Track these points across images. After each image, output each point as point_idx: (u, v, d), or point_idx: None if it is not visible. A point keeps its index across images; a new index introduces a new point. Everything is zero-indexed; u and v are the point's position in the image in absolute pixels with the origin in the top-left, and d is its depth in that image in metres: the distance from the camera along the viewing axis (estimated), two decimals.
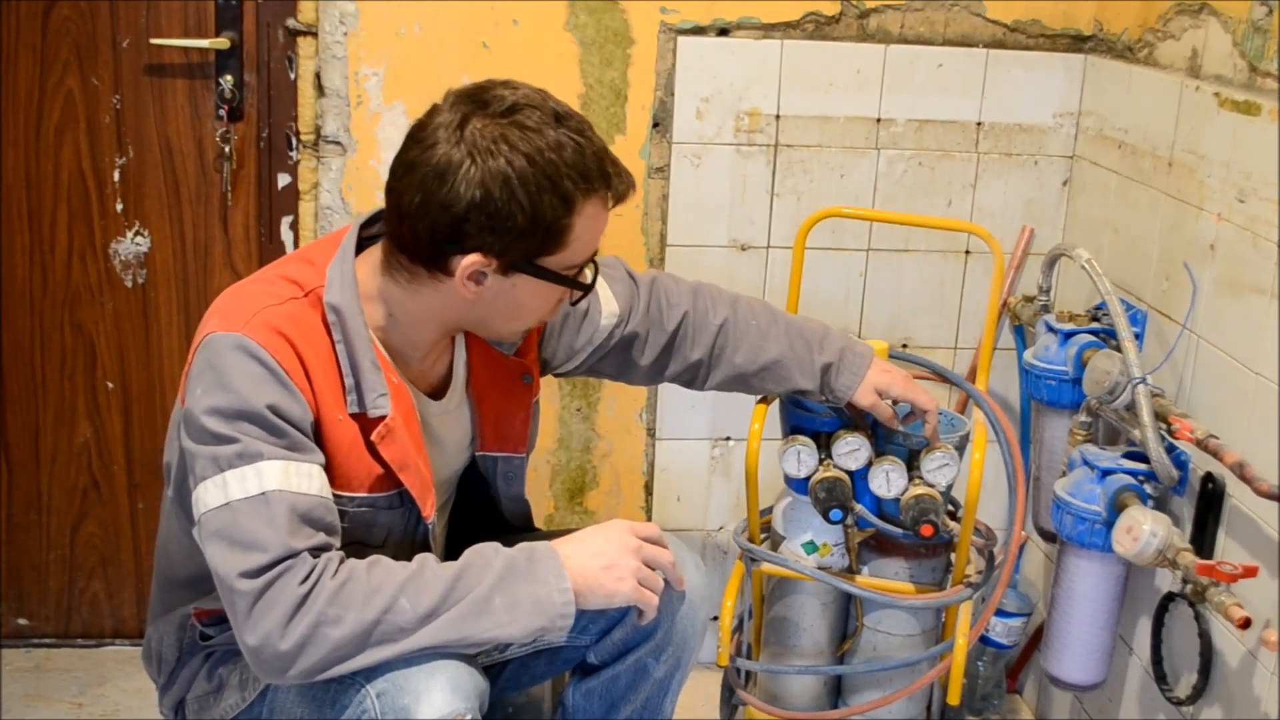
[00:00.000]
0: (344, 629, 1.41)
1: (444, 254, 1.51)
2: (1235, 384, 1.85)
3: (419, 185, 1.48)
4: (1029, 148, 2.43)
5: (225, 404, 1.45)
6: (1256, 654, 1.79)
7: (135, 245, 2.40)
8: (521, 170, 1.46)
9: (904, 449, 1.97)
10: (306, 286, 1.55)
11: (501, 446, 1.78)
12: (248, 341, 1.47)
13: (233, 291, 1.58)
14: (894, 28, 2.37)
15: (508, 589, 1.48)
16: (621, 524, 1.59)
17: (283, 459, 1.45)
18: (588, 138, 1.52)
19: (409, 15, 2.27)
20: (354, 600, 1.42)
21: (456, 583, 1.46)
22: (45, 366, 2.44)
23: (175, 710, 1.72)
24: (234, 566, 1.41)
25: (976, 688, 2.47)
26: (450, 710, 1.43)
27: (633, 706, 1.80)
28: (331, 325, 1.53)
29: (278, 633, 1.40)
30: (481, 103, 1.50)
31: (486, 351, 1.73)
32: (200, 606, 1.67)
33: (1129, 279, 2.17)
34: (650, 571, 1.58)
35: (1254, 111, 1.83)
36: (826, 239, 2.40)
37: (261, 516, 1.42)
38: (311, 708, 1.53)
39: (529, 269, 1.53)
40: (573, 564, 1.52)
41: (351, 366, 1.54)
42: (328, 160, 2.33)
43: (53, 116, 2.33)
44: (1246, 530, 1.82)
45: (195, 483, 1.46)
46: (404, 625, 1.43)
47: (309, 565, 1.43)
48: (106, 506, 2.52)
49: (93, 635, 2.59)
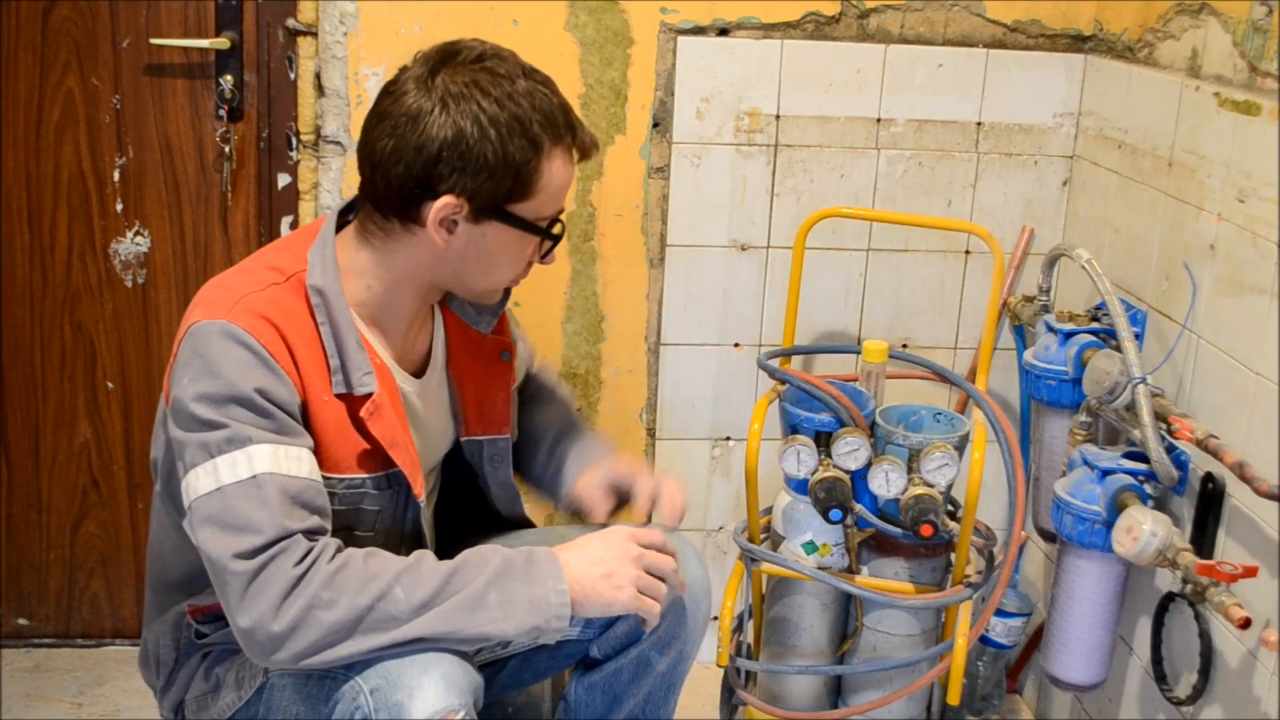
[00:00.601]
0: (337, 613, 1.41)
1: (416, 200, 1.54)
2: (1235, 384, 1.85)
3: (390, 131, 1.53)
4: (1029, 148, 2.43)
5: (213, 390, 1.46)
6: (1256, 654, 1.79)
7: (135, 245, 2.40)
8: (492, 113, 1.51)
9: (904, 449, 1.97)
10: (287, 272, 1.57)
11: (485, 429, 1.80)
12: (233, 328, 1.48)
13: (214, 282, 1.60)
14: (894, 28, 2.37)
15: (504, 586, 1.48)
16: (622, 530, 1.59)
17: (272, 442, 1.46)
18: (554, 90, 1.58)
19: (409, 15, 2.27)
20: (349, 585, 1.42)
21: (453, 577, 1.47)
22: (45, 366, 2.44)
23: (175, 712, 1.72)
24: (227, 548, 1.42)
25: (976, 688, 2.47)
26: (444, 705, 1.42)
27: (635, 701, 1.80)
28: (315, 307, 1.56)
29: (270, 614, 1.40)
30: (450, 53, 1.55)
31: (464, 330, 1.77)
32: (195, 604, 1.67)
33: (1129, 279, 2.17)
34: (651, 579, 1.58)
35: (1254, 111, 1.83)
36: (826, 239, 2.40)
37: (253, 499, 1.43)
38: (306, 705, 1.53)
39: (499, 215, 1.56)
40: (571, 571, 1.52)
41: (337, 347, 1.56)
42: (327, 160, 2.33)
43: (53, 116, 2.33)
44: (1246, 530, 1.82)
45: (185, 470, 1.47)
46: (397, 614, 1.43)
47: (304, 548, 1.43)
48: (106, 506, 2.52)
49: (93, 635, 2.59)
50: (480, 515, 1.86)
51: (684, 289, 2.43)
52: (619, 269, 2.41)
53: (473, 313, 1.78)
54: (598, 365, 2.46)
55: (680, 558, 1.69)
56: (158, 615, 1.73)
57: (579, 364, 2.46)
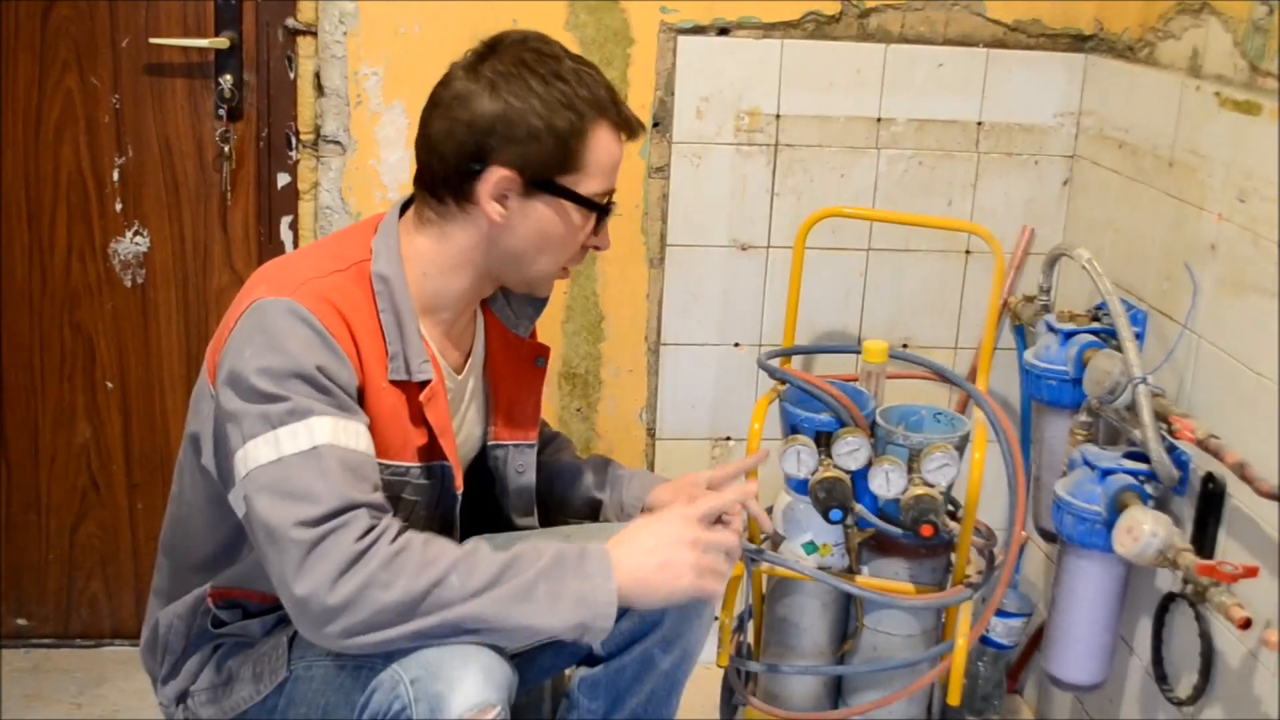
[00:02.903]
0: (392, 594, 1.40)
1: (470, 176, 1.57)
2: (1236, 384, 1.84)
3: (443, 115, 1.58)
4: (1029, 147, 2.43)
5: (276, 364, 1.46)
6: (1257, 654, 1.79)
7: (134, 245, 2.40)
8: (539, 88, 1.56)
9: (904, 449, 1.97)
10: (349, 260, 1.60)
11: (513, 434, 1.81)
12: (298, 306, 1.49)
13: (277, 263, 1.64)
14: (894, 27, 2.37)
15: (554, 580, 1.46)
16: (678, 513, 1.57)
17: (333, 416, 1.47)
18: (598, 72, 1.62)
19: (409, 15, 2.27)
20: (407, 568, 1.41)
21: (507, 568, 1.45)
22: (44, 366, 2.44)
23: (177, 701, 1.70)
24: (289, 516, 1.41)
25: (977, 688, 2.47)
26: (482, 700, 1.42)
27: (638, 699, 1.79)
28: (378, 294, 1.58)
29: (326, 585, 1.39)
30: (497, 41, 1.61)
31: (504, 334, 1.79)
32: (218, 586, 1.65)
33: (1129, 279, 2.17)
34: (711, 559, 1.54)
35: (1254, 111, 1.83)
36: (826, 239, 2.40)
37: (313, 470, 1.43)
38: (339, 695, 1.53)
39: (550, 188, 1.58)
40: (627, 565, 1.50)
41: (398, 333, 1.58)
42: (327, 160, 2.32)
43: (52, 116, 2.33)
44: (1247, 530, 1.82)
45: (243, 440, 1.46)
46: (450, 600, 1.42)
47: (366, 524, 1.42)
48: (106, 507, 2.52)
49: (92, 635, 2.58)
50: (492, 524, 1.86)
51: (684, 289, 2.43)
52: (619, 269, 2.41)
53: (512, 316, 1.80)
54: (598, 365, 2.46)
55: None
56: (172, 600, 1.71)
57: (579, 364, 2.46)
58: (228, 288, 2.43)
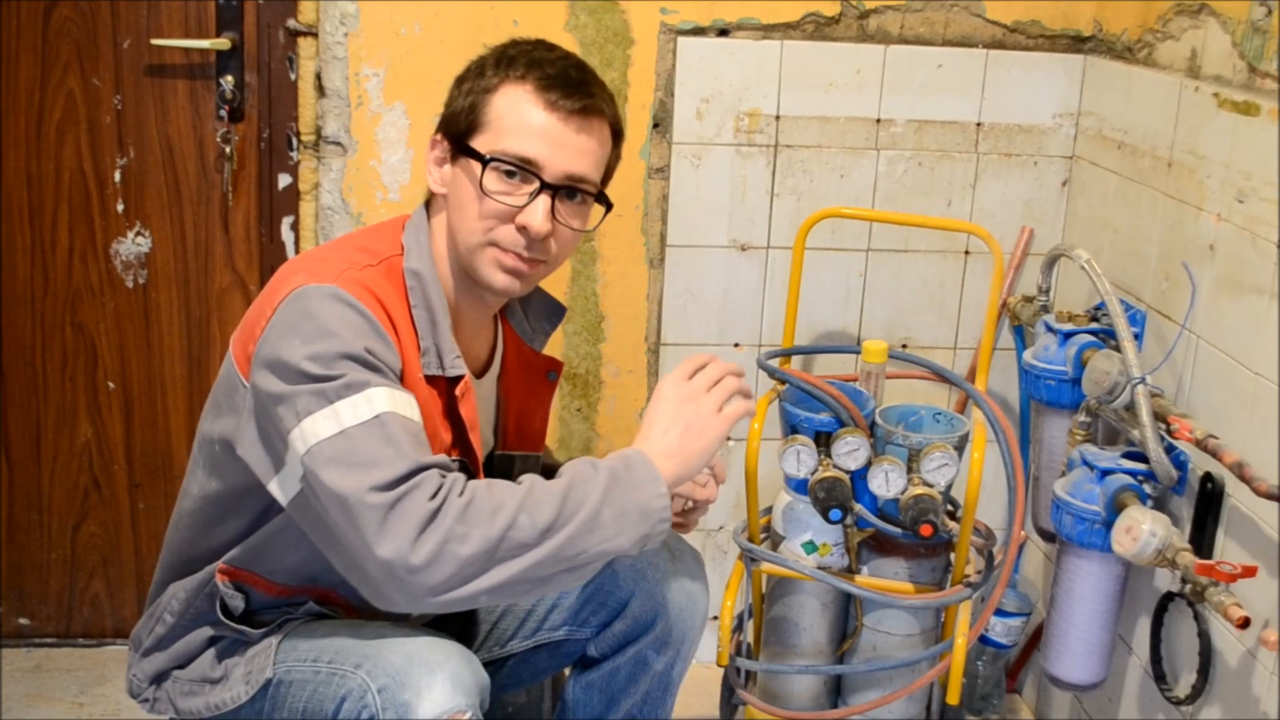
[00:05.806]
0: (471, 546, 1.39)
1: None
2: (1234, 384, 1.85)
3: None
4: (1029, 148, 2.43)
5: (325, 348, 1.45)
6: (1256, 654, 1.79)
7: (136, 245, 2.41)
8: (484, 60, 1.62)
9: (904, 449, 1.97)
10: (379, 255, 1.60)
11: (521, 445, 1.82)
12: (342, 293, 1.49)
13: (309, 255, 1.65)
14: (894, 28, 2.37)
15: (614, 500, 1.46)
16: (667, 384, 1.58)
17: (389, 386, 1.47)
18: (564, 55, 1.63)
19: (409, 15, 2.27)
20: (480, 517, 1.41)
21: (567, 497, 1.45)
22: (46, 366, 2.44)
23: (152, 681, 1.69)
24: (363, 483, 1.39)
25: (976, 687, 2.47)
26: (451, 706, 1.42)
27: (633, 700, 1.80)
28: (411, 289, 1.59)
29: (408, 546, 1.38)
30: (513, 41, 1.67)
31: (519, 347, 1.80)
32: (228, 564, 1.63)
33: (1128, 279, 2.17)
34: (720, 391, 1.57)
35: (1253, 112, 1.83)
36: (826, 239, 2.40)
37: (378, 438, 1.42)
38: (313, 703, 1.53)
39: (463, 150, 1.60)
40: (659, 451, 1.52)
41: (431, 327, 1.59)
42: (328, 161, 2.33)
43: (54, 117, 2.33)
44: (1246, 530, 1.82)
45: (298, 419, 1.44)
46: (525, 541, 1.41)
47: (436, 483, 1.42)
48: (107, 506, 2.53)
49: (93, 635, 2.59)
50: None
51: (684, 289, 2.43)
52: (619, 269, 2.42)
53: (529, 330, 1.81)
54: (598, 365, 2.47)
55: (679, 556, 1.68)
56: (178, 576, 1.69)
57: (579, 364, 2.46)
58: (229, 288, 2.44)
